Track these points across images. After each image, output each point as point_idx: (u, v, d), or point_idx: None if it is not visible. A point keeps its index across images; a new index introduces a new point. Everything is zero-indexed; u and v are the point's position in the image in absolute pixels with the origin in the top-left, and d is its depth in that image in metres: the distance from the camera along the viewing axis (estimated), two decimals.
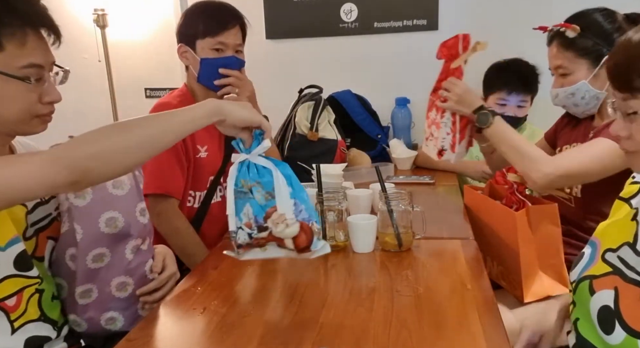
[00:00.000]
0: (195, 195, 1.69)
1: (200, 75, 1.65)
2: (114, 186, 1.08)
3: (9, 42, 0.93)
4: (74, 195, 1.04)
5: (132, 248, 1.10)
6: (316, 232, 0.94)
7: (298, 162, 1.94)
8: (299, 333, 0.91)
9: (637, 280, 0.82)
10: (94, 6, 2.85)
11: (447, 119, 1.57)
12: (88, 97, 3.06)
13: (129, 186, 1.10)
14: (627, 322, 0.79)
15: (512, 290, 1.35)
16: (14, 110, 0.96)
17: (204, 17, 1.64)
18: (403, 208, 1.28)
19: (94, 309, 1.08)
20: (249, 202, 0.94)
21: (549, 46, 1.52)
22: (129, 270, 1.10)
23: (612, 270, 0.87)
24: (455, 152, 1.58)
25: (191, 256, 1.60)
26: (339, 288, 1.10)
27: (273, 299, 1.06)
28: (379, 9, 2.70)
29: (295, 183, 0.95)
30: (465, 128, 1.58)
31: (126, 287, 1.11)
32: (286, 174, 0.95)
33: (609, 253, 0.90)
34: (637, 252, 0.85)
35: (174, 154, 1.58)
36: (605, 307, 0.83)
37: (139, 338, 0.92)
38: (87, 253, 1.05)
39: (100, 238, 1.06)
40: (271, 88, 1.84)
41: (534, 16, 1.64)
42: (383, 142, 2.44)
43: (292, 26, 2.80)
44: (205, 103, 0.94)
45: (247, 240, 0.94)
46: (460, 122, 1.56)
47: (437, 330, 0.91)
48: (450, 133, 1.57)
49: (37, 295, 1.02)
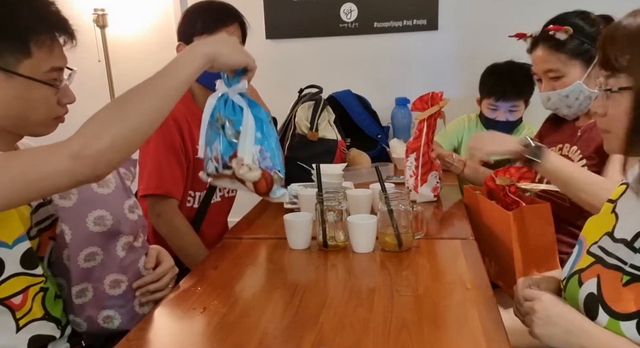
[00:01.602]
0: (195, 195, 1.69)
1: (201, 75, 1.64)
2: (99, 185, 1.07)
3: (39, 49, 0.96)
4: (59, 196, 1.04)
5: (123, 245, 1.09)
6: (277, 180, 0.95)
7: (298, 162, 1.94)
8: (299, 333, 0.91)
9: (616, 264, 0.84)
10: (94, 6, 2.85)
11: (411, 162, 1.69)
12: (88, 97, 3.05)
13: (115, 184, 1.10)
14: (609, 305, 0.81)
15: (508, 290, 1.36)
16: (41, 114, 1.01)
17: (202, 15, 1.63)
18: (403, 208, 1.28)
19: (91, 308, 1.08)
20: (219, 137, 0.94)
21: (533, 52, 1.53)
22: (122, 268, 1.10)
23: (595, 260, 0.89)
24: (418, 193, 1.67)
25: (191, 256, 1.60)
26: (339, 288, 1.10)
27: (273, 299, 1.06)
28: (379, 9, 2.70)
29: (266, 129, 0.94)
30: (427, 174, 1.66)
31: (120, 284, 1.10)
32: (258, 117, 0.94)
33: (593, 246, 0.93)
34: (615, 239, 0.88)
35: (173, 154, 1.58)
36: (589, 294, 0.86)
37: (139, 338, 0.93)
38: (79, 253, 1.05)
39: (90, 238, 1.05)
40: (271, 88, 1.84)
41: (534, 16, 1.64)
42: (383, 142, 2.44)
43: (292, 26, 2.80)
44: (194, 48, 0.95)
45: (214, 172, 0.97)
46: (423, 167, 1.66)
47: (437, 330, 0.91)
48: (412, 176, 1.68)
49: (42, 294, 1.02)
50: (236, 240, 1.44)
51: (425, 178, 1.68)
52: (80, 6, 2.93)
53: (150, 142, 1.57)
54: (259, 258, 1.33)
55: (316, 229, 1.32)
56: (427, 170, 1.67)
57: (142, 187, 1.58)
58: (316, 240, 1.33)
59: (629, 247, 0.83)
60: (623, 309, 0.79)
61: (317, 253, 1.31)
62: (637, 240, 0.83)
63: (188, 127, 1.62)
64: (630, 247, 0.83)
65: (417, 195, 1.68)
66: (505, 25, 2.51)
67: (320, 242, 1.31)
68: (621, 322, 0.78)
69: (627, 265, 0.81)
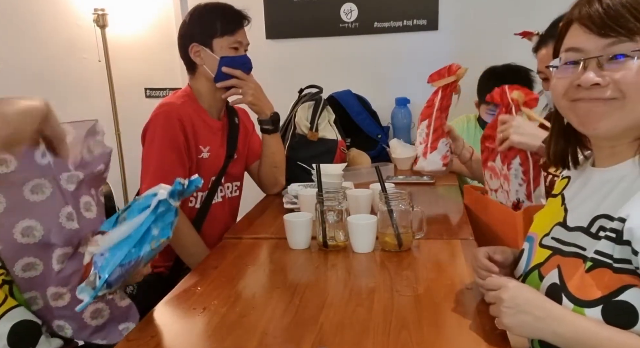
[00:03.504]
0: (197, 195, 1.69)
1: (218, 74, 1.65)
2: (32, 191, 0.98)
3: None
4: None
5: (58, 257, 1.01)
6: (89, 281, 0.93)
7: (298, 162, 1.95)
8: (299, 333, 0.91)
9: (575, 252, 0.85)
10: (94, 6, 2.85)
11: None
12: (88, 97, 3.06)
13: (51, 190, 0.99)
14: (572, 292, 0.81)
15: None
16: None
17: (220, 16, 1.65)
18: (403, 208, 1.28)
19: (45, 316, 1.03)
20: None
21: (540, 50, 1.50)
22: (61, 280, 1.02)
23: (552, 252, 0.90)
24: (426, 159, 1.62)
25: (192, 256, 1.60)
26: (339, 288, 1.10)
27: (273, 299, 1.06)
28: (379, 9, 2.70)
29: (134, 249, 0.93)
30: (437, 141, 1.59)
31: (62, 296, 1.02)
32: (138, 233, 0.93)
33: (545, 238, 0.93)
34: (568, 228, 0.89)
35: (176, 154, 1.58)
36: (551, 285, 0.85)
37: (139, 338, 0.93)
38: (14, 264, 0.98)
39: (22, 249, 0.98)
40: (271, 88, 1.84)
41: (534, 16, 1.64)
42: (383, 142, 2.44)
43: (292, 26, 2.80)
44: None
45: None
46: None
47: (437, 330, 0.91)
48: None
49: (7, 286, 0.99)
50: (236, 240, 1.44)
51: (435, 145, 1.60)
52: (80, 6, 2.94)
53: (155, 142, 1.57)
54: (259, 258, 1.33)
55: (316, 229, 1.32)
56: (438, 136, 1.60)
57: (145, 186, 1.58)
58: (316, 240, 1.33)
59: (587, 234, 0.84)
60: (587, 296, 0.79)
61: (317, 253, 1.31)
62: (593, 225, 0.83)
63: (192, 127, 1.62)
64: (587, 233, 0.84)
65: (425, 161, 1.61)
66: (505, 25, 2.52)
67: (320, 242, 1.31)
68: (586, 309, 0.78)
69: (587, 251, 0.82)
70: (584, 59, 0.83)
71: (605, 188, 0.86)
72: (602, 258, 0.79)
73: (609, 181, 0.86)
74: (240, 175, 1.87)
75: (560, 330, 0.79)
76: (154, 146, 1.58)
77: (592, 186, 0.89)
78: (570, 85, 0.85)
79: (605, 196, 0.85)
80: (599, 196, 0.86)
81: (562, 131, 0.95)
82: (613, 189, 0.84)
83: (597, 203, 0.85)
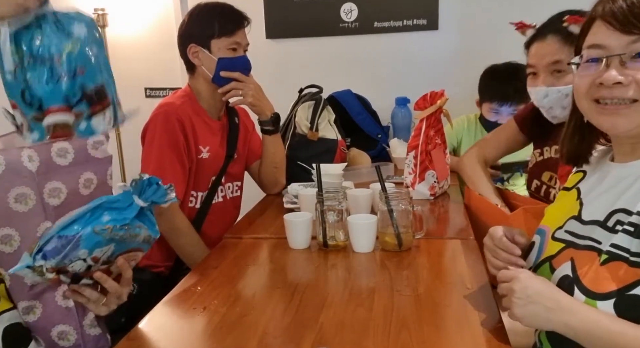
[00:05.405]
0: (197, 195, 1.69)
1: (216, 75, 1.65)
2: (16, 200, 0.94)
3: None
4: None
5: None
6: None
7: (298, 161, 1.95)
8: (299, 333, 0.91)
9: (590, 245, 0.84)
10: (94, 6, 2.85)
11: (410, 160, 1.73)
12: None
13: (34, 202, 0.96)
14: (585, 285, 0.81)
15: None
16: None
17: (219, 17, 1.64)
18: (403, 208, 1.28)
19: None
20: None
21: (534, 43, 1.46)
22: (33, 295, 0.99)
23: (565, 245, 0.89)
24: (414, 190, 1.72)
25: (191, 255, 1.60)
26: (339, 288, 1.10)
27: (273, 299, 1.06)
28: (379, 9, 2.70)
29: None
30: (424, 172, 1.70)
31: (34, 311, 1.00)
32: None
33: (557, 231, 0.93)
34: (583, 222, 0.89)
35: (176, 154, 1.58)
36: (564, 277, 0.85)
37: (139, 338, 0.93)
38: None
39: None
40: (271, 88, 1.84)
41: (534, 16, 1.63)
42: (383, 142, 2.44)
43: (292, 26, 2.80)
44: None
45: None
46: (420, 166, 1.70)
47: (437, 330, 0.91)
48: (411, 173, 1.73)
49: (2, 285, 0.98)
50: (236, 240, 1.44)
51: (423, 176, 1.70)
52: (80, 6, 2.93)
53: (154, 142, 1.57)
54: (259, 258, 1.33)
55: (316, 229, 1.32)
56: (425, 168, 1.69)
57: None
58: (316, 240, 1.33)
59: (603, 227, 0.84)
60: (600, 289, 0.78)
61: (317, 253, 1.31)
62: (610, 219, 0.83)
63: (191, 127, 1.62)
64: (604, 226, 0.84)
65: (413, 191, 1.69)
66: (505, 25, 2.52)
67: (320, 242, 1.31)
68: (598, 302, 0.78)
69: (603, 245, 0.81)
70: (606, 56, 0.82)
71: (624, 183, 0.85)
72: (618, 252, 0.78)
73: (628, 176, 0.86)
74: (240, 175, 1.87)
75: (572, 321, 0.78)
76: (153, 146, 1.58)
77: (610, 181, 0.89)
78: (592, 83, 0.85)
79: (624, 191, 0.84)
80: (617, 190, 0.86)
81: (578, 128, 0.95)
82: (632, 184, 0.84)
83: (615, 197, 0.85)
